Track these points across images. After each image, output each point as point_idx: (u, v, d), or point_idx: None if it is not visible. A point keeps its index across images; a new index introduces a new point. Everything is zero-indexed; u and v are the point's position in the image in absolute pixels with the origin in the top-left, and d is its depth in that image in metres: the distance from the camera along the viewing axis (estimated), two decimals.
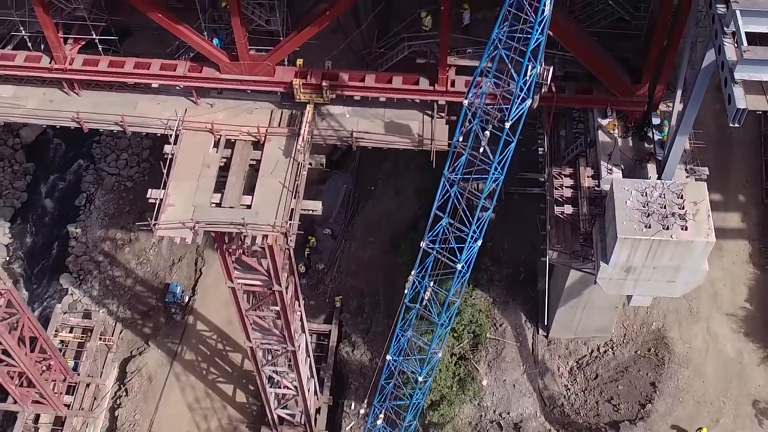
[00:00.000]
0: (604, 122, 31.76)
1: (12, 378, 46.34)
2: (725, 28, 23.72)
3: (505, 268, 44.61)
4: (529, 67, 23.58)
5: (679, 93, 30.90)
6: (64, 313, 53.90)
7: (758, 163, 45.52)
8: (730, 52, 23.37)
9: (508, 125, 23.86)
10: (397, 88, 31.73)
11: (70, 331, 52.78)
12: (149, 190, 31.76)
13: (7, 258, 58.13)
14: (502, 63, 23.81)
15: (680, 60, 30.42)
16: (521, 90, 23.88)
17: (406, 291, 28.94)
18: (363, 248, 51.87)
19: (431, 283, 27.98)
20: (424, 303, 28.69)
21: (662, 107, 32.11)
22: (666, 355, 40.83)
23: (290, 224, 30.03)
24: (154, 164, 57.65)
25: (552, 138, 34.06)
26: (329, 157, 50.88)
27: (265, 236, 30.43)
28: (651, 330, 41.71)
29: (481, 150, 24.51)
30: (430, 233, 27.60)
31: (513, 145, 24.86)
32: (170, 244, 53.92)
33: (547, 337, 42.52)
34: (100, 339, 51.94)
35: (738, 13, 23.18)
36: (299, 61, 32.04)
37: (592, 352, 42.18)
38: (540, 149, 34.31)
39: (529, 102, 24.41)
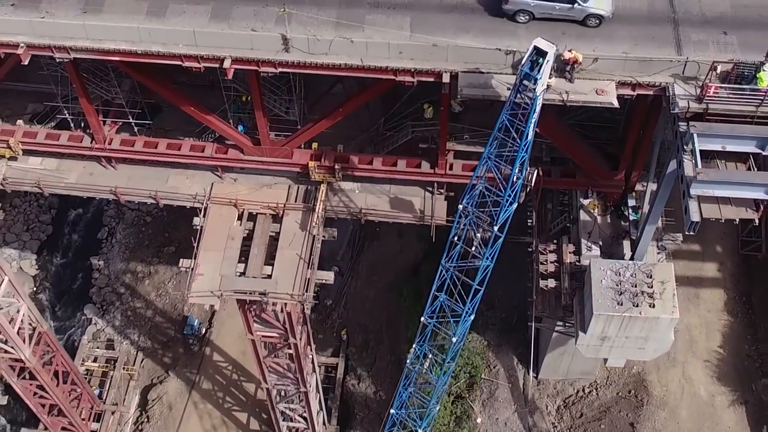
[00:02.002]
0: (585, 202, 35.64)
1: (44, 407, 50.30)
2: (685, 146, 27.53)
3: (498, 313, 48.47)
4: (516, 178, 27.38)
5: (652, 174, 34.76)
6: (89, 342, 57.92)
7: None
8: (688, 169, 27.13)
9: (496, 228, 27.70)
10: (402, 171, 35.49)
11: (95, 361, 56.82)
12: (180, 260, 35.50)
13: (34, 288, 61.81)
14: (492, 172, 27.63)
15: (654, 145, 34.22)
16: (509, 196, 27.71)
17: (408, 360, 32.75)
18: (368, 286, 55.71)
19: (430, 355, 31.85)
20: (424, 369, 32.56)
21: (638, 187, 35.95)
22: (645, 397, 44.71)
23: (306, 295, 33.88)
24: None
25: (539, 211, 37.90)
26: None
27: (285, 304, 34.34)
28: (632, 373, 45.56)
29: (474, 248, 28.33)
30: (429, 309, 31.39)
31: (501, 240, 28.72)
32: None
33: (536, 377, 46.44)
34: (123, 368, 55.87)
35: (695, 136, 26.96)
36: (314, 145, 35.88)
37: (578, 392, 46.07)
38: (529, 220, 38.15)
39: (515, 205, 28.24)
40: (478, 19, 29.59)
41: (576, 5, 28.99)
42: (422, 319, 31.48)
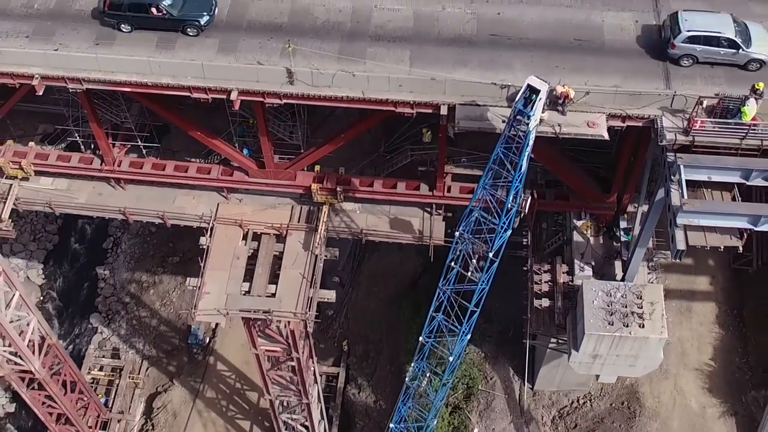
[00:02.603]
0: (578, 223, 36.87)
1: (52, 416, 51.48)
2: (672, 176, 28.72)
3: (495, 326, 49.57)
4: (510, 206, 28.57)
5: (643, 197, 35.94)
6: (95, 351, 59.11)
7: None
8: (675, 198, 28.32)
9: (491, 254, 28.91)
10: (401, 193, 36.72)
11: (101, 370, 58.03)
12: (188, 279, 36.71)
13: (41, 297, 62.93)
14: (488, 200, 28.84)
15: (645, 168, 35.38)
16: (504, 224, 28.91)
17: (407, 377, 33.99)
18: (368, 297, 56.84)
19: (428, 372, 33.09)
20: (423, 385, 33.80)
21: (630, 208, 37.15)
22: (637, 409, 45.84)
23: (309, 314, 35.11)
24: None
25: (534, 230, 39.13)
26: None
27: (288, 322, 35.56)
28: (625, 385, 46.69)
29: (470, 272, 29.55)
30: (427, 328, 32.59)
31: (496, 264, 29.93)
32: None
33: (532, 389, 47.64)
34: (129, 377, 57.05)
35: (682, 167, 28.15)
36: (317, 168, 37.10)
37: (572, 403, 47.24)
38: (524, 240, 39.39)
39: (510, 231, 29.46)
40: (476, 53, 30.80)
41: (740, 51, 29.77)
42: (420, 338, 32.69)
